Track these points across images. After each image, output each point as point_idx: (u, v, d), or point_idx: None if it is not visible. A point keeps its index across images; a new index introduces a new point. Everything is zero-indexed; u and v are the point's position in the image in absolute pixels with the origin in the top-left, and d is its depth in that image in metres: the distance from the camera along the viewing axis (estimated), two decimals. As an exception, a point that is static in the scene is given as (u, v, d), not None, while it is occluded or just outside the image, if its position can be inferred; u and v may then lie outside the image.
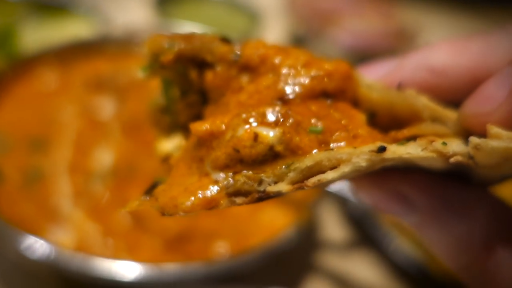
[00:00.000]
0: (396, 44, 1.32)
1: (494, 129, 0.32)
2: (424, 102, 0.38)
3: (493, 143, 0.32)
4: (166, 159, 0.43)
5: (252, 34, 1.31)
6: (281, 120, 0.36)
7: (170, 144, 0.44)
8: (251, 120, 0.36)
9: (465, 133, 0.36)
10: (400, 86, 0.40)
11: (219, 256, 0.75)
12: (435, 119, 0.39)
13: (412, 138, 0.36)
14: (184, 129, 0.41)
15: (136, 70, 1.07)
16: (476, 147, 0.32)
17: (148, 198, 0.37)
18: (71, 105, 0.94)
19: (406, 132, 0.38)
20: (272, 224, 0.84)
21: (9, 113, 0.90)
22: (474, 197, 0.39)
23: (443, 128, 0.38)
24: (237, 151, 0.35)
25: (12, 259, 0.77)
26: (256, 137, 0.35)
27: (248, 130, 0.35)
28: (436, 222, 0.39)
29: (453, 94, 0.40)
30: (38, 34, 1.16)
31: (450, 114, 0.38)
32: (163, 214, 0.36)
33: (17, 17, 1.19)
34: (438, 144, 0.33)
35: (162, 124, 0.45)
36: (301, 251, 0.96)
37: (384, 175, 0.41)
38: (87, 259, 0.66)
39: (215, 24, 1.36)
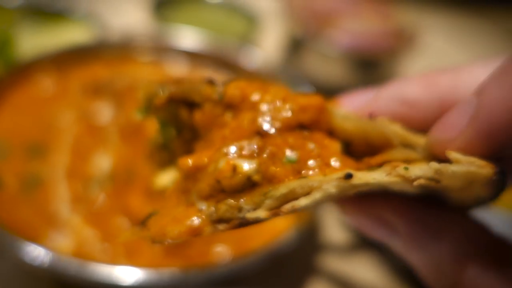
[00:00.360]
0: (395, 45, 1.32)
1: (453, 155, 0.35)
2: (393, 130, 0.43)
3: (452, 167, 0.35)
4: (162, 192, 0.47)
5: (251, 38, 1.31)
6: (258, 152, 0.40)
7: (166, 178, 0.49)
8: (231, 153, 0.40)
9: (433, 158, 0.40)
10: (371, 116, 0.44)
11: (220, 260, 0.74)
12: (406, 145, 0.43)
13: (384, 164, 0.39)
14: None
15: (133, 74, 1.07)
16: (437, 172, 0.35)
17: (141, 228, 0.41)
18: (68, 111, 0.93)
19: (378, 158, 0.41)
20: (273, 227, 0.83)
21: (7, 119, 0.89)
22: (448, 220, 0.42)
23: (412, 153, 0.42)
24: (218, 182, 0.39)
25: (11, 265, 0.77)
26: (235, 168, 0.39)
27: (228, 162, 0.39)
28: (416, 246, 0.42)
29: (424, 124, 0.44)
30: (35, 41, 1.16)
31: (419, 140, 0.42)
32: (153, 242, 0.40)
33: (14, 24, 1.19)
34: (400, 169, 0.36)
35: (160, 160, 0.50)
36: (302, 253, 0.95)
37: (367, 200, 0.45)
38: (86, 265, 0.65)
39: (213, 28, 1.36)
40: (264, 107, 0.43)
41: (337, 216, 1.04)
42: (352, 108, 0.47)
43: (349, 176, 0.36)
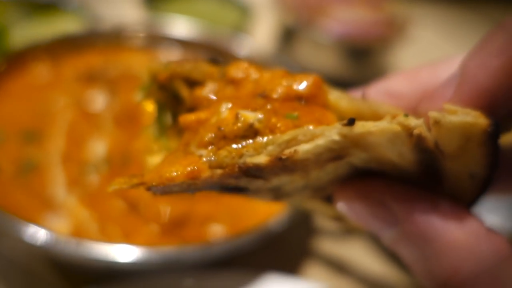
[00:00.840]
0: (386, 33, 1.33)
1: (449, 106, 0.35)
2: (387, 108, 0.44)
3: (451, 117, 0.35)
4: None
5: (243, 28, 1.32)
6: (261, 106, 0.40)
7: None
8: (235, 105, 0.40)
9: None
10: (364, 96, 0.47)
11: (215, 239, 0.75)
12: None
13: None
14: None
15: (126, 62, 1.07)
16: (436, 122, 0.35)
17: (135, 176, 0.40)
18: (63, 98, 0.94)
19: None
20: (268, 208, 0.84)
21: (2, 107, 0.90)
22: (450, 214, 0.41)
23: None
24: (220, 129, 0.39)
25: (11, 246, 0.78)
26: (237, 116, 0.39)
27: (231, 111, 0.39)
28: (413, 237, 0.41)
29: (410, 112, 0.45)
30: (28, 31, 1.16)
31: None
32: (149, 189, 0.39)
33: (7, 15, 1.19)
34: (401, 117, 0.36)
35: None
36: (297, 236, 0.96)
37: (368, 185, 0.44)
38: (83, 244, 0.66)
39: (205, 18, 1.37)
40: (264, 81, 0.44)
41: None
42: None
43: (351, 122, 0.36)
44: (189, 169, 0.38)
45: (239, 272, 0.77)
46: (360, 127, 0.36)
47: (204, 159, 0.38)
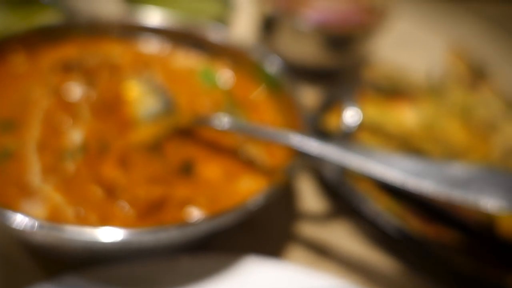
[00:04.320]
0: (366, 21, 1.34)
1: None
2: None
3: None
4: None
5: (224, 19, 1.32)
6: None
7: None
8: None
9: None
10: None
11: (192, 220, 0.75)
12: None
13: None
14: None
15: (104, 52, 1.07)
16: None
17: None
18: (40, 88, 0.93)
19: None
20: (247, 191, 0.84)
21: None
22: None
23: None
24: None
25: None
26: None
27: None
28: None
29: None
30: (3, 24, 1.15)
31: None
32: None
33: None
34: None
35: None
36: (279, 219, 0.96)
37: None
38: (59, 228, 0.65)
39: (186, 10, 1.36)
40: None
41: (312, 182, 1.06)
42: None
43: None
44: None
45: (218, 255, 0.77)
46: None
47: None
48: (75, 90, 0.96)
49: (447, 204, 0.88)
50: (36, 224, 0.65)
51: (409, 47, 1.76)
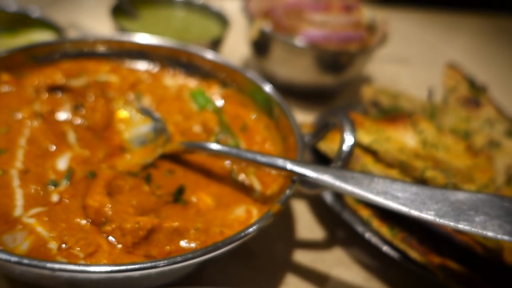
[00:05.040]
0: (366, 36, 1.31)
1: None
2: None
3: None
4: None
5: (220, 38, 1.29)
6: None
7: None
8: None
9: None
10: None
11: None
12: None
13: None
14: None
15: (91, 72, 1.03)
16: None
17: None
18: (25, 110, 0.89)
19: None
20: (240, 220, 0.80)
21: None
22: None
23: None
24: None
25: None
26: None
27: None
28: None
29: None
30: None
31: None
32: None
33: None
34: None
35: None
36: (276, 248, 0.92)
37: None
38: (41, 264, 0.60)
39: (181, 30, 1.34)
40: None
41: (312, 210, 1.02)
42: None
43: None
44: None
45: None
46: None
47: None
48: (61, 113, 0.93)
49: (451, 232, 0.84)
50: (13, 259, 0.60)
51: (407, 63, 1.74)
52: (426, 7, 2.13)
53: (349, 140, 0.81)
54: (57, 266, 0.60)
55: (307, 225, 0.99)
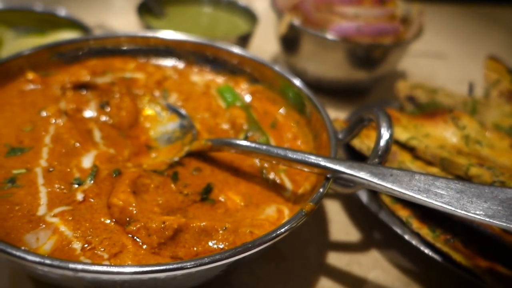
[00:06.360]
0: (402, 29, 1.25)
1: None
2: None
3: None
4: None
5: (249, 34, 1.26)
6: None
7: None
8: None
9: None
10: None
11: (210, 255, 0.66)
12: None
13: None
14: None
15: (118, 70, 1.01)
16: None
17: None
18: (51, 108, 0.87)
19: None
20: (271, 220, 0.75)
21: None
22: None
23: None
24: None
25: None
26: None
27: None
28: None
29: None
30: (24, 43, 1.13)
31: None
32: None
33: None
34: None
35: None
36: (308, 250, 0.88)
37: None
38: (66, 265, 0.58)
39: (210, 28, 1.32)
40: None
41: (345, 213, 0.97)
42: None
43: None
44: None
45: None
46: None
47: None
48: (87, 111, 0.91)
49: (500, 233, 0.77)
50: (35, 259, 0.58)
51: (443, 58, 1.66)
52: (462, -1, 2.06)
53: (386, 135, 0.76)
54: (80, 266, 0.58)
55: (341, 226, 0.94)
